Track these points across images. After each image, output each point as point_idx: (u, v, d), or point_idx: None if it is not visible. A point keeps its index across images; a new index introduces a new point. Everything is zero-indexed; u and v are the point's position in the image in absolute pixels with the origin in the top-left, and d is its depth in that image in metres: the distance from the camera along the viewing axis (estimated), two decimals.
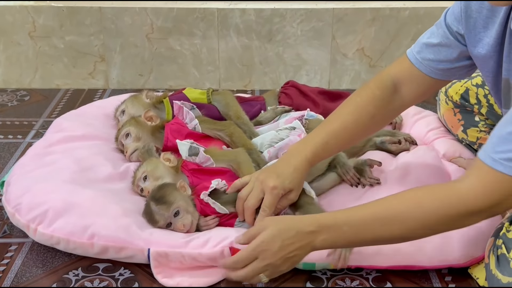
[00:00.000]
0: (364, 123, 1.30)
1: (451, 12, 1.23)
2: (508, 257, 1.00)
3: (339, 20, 2.14)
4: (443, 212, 1.00)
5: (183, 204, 1.27)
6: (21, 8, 2.12)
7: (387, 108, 1.32)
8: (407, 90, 1.31)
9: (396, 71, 1.32)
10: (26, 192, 1.34)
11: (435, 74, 1.27)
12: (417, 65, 1.27)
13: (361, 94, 1.33)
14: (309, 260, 1.21)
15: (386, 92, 1.30)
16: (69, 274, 1.23)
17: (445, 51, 1.24)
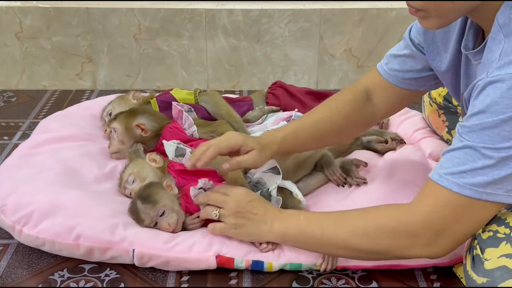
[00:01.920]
0: (338, 121, 1.33)
1: (415, 27, 1.26)
2: (482, 258, 1.01)
3: (327, 20, 2.15)
4: (384, 221, 1.07)
5: (169, 203, 1.27)
6: (8, 9, 2.11)
7: (361, 112, 1.34)
8: (378, 100, 1.34)
9: (367, 82, 1.35)
10: (11, 193, 1.33)
11: (402, 84, 1.29)
12: (385, 76, 1.30)
13: (336, 96, 1.37)
14: (296, 260, 1.22)
15: (359, 97, 1.34)
16: (55, 275, 1.23)
17: (410, 61, 1.27)
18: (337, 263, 1.21)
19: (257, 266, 1.23)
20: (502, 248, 0.99)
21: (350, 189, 1.44)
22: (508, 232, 1.01)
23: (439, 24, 1.02)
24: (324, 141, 1.39)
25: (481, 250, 1.02)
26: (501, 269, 0.97)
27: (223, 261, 1.23)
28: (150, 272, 1.24)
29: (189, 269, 1.24)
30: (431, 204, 1.01)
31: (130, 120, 1.57)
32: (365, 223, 1.09)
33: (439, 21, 1.01)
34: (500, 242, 1.00)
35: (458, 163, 0.98)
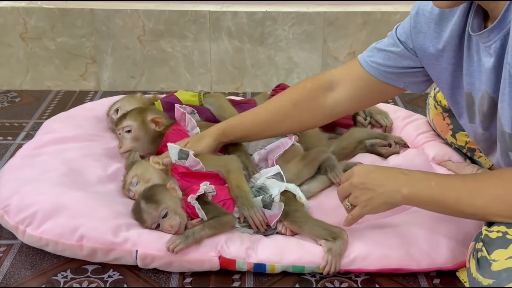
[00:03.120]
0: (285, 108, 1.37)
1: (402, 26, 1.28)
2: (489, 259, 1.00)
3: (331, 23, 2.15)
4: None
5: (172, 205, 1.27)
6: (13, 9, 2.12)
7: (315, 101, 1.35)
8: (345, 92, 1.34)
9: (339, 72, 1.37)
10: (15, 194, 1.33)
11: (383, 77, 1.30)
12: (366, 68, 1.31)
13: (293, 86, 1.42)
14: (299, 263, 1.22)
15: (318, 86, 1.36)
16: (58, 276, 1.23)
17: (394, 57, 1.28)
18: (340, 266, 1.21)
19: (259, 268, 1.23)
20: (510, 249, 0.99)
21: None
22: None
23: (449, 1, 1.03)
24: (270, 127, 1.41)
25: (487, 251, 1.01)
26: (508, 270, 0.96)
27: (226, 262, 1.23)
28: (153, 273, 1.24)
29: (192, 270, 1.24)
30: None
31: (144, 115, 1.57)
32: (506, 191, 1.03)
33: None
34: (509, 244, 1.00)
35: None
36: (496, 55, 1.06)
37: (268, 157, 1.48)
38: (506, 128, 1.07)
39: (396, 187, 1.13)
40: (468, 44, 1.14)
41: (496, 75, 1.08)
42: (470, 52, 1.14)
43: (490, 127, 1.17)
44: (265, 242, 1.26)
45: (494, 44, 1.05)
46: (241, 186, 1.34)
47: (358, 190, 1.17)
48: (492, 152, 1.23)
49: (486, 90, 1.11)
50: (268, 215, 1.30)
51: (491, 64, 1.08)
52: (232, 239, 1.25)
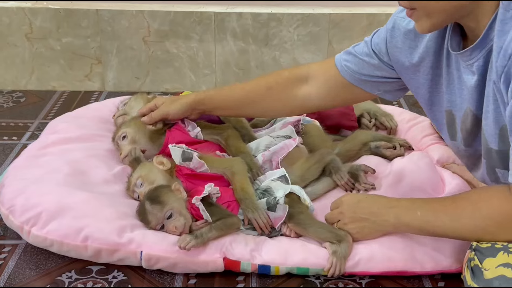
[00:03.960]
0: (259, 90, 1.43)
1: (377, 37, 1.29)
2: (481, 268, 1.03)
3: (336, 25, 2.15)
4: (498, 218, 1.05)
5: (177, 206, 1.27)
6: (18, 10, 2.13)
7: (288, 90, 1.40)
8: (319, 87, 1.38)
9: (316, 68, 1.40)
10: (20, 194, 1.33)
11: (357, 83, 1.33)
12: (341, 71, 1.34)
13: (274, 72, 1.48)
14: (304, 265, 1.22)
15: (294, 77, 1.40)
16: (62, 276, 1.23)
17: (368, 67, 1.31)
18: (344, 269, 1.21)
19: (264, 269, 1.23)
20: (499, 257, 1.01)
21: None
22: (505, 243, 1.03)
23: (430, 24, 1.05)
24: (244, 105, 1.47)
25: (479, 261, 1.04)
26: (499, 278, 0.99)
27: (230, 264, 1.23)
28: (158, 274, 1.24)
29: (197, 271, 1.24)
30: None
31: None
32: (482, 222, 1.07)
33: (429, 21, 1.04)
34: (498, 252, 1.02)
35: None
36: (479, 73, 1.08)
37: (272, 159, 1.48)
38: (492, 145, 1.09)
39: (385, 217, 1.20)
40: (447, 61, 1.16)
41: (480, 92, 1.10)
42: (449, 70, 1.15)
43: (473, 144, 1.19)
44: (269, 244, 1.26)
45: (476, 62, 1.07)
46: (246, 188, 1.34)
47: (347, 218, 1.24)
48: (476, 168, 1.24)
49: (469, 108, 1.13)
50: (273, 217, 1.30)
51: (474, 82, 1.09)
52: (236, 241, 1.25)
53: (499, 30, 1.01)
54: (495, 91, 1.04)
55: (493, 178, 1.16)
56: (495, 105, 1.06)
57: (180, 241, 1.21)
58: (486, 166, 1.15)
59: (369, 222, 1.22)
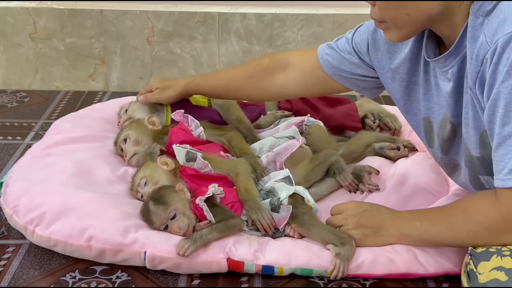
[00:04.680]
0: (241, 78, 1.50)
1: (358, 35, 1.30)
2: (476, 272, 1.03)
3: (340, 25, 2.15)
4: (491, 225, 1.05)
5: (180, 207, 1.27)
6: (22, 10, 2.13)
7: (267, 78, 1.45)
8: (295, 76, 1.41)
9: (296, 56, 1.44)
10: (24, 194, 1.34)
11: (336, 78, 1.35)
12: (322, 65, 1.36)
13: (256, 58, 1.54)
14: (308, 266, 1.22)
15: (273, 64, 1.44)
16: (66, 277, 1.23)
17: (349, 65, 1.33)
18: (347, 271, 1.21)
19: (268, 270, 1.23)
20: (493, 261, 1.02)
21: (362, 196, 1.44)
22: (499, 247, 1.04)
23: (400, 35, 1.06)
24: (227, 93, 1.55)
25: (474, 265, 1.05)
26: (493, 282, 1.00)
27: (234, 265, 1.23)
28: (161, 274, 1.24)
29: (200, 272, 1.24)
30: None
31: (137, 121, 1.59)
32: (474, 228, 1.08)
33: (398, 32, 1.06)
34: (491, 256, 1.03)
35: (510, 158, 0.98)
36: (454, 79, 1.08)
37: (276, 160, 1.48)
38: (473, 152, 1.10)
39: (387, 229, 1.23)
40: (424, 68, 1.16)
41: (455, 99, 1.11)
42: (427, 77, 1.16)
43: (449, 152, 1.20)
44: (273, 245, 1.26)
45: (451, 69, 1.08)
46: (249, 189, 1.34)
47: (351, 224, 1.25)
48: (454, 175, 1.26)
49: (446, 114, 1.13)
50: (276, 218, 1.30)
51: (450, 89, 1.10)
52: (240, 241, 1.25)
53: (470, 37, 1.02)
54: (472, 97, 1.05)
55: (477, 186, 1.17)
56: (473, 111, 1.07)
57: (179, 248, 1.21)
58: (469, 174, 1.16)
59: (372, 232, 1.24)
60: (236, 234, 1.28)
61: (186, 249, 1.20)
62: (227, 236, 1.26)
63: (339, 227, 1.26)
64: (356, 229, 1.24)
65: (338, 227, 1.27)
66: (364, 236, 1.24)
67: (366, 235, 1.24)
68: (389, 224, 1.23)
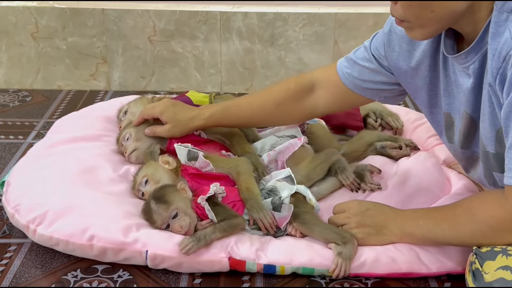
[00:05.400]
0: (268, 107, 1.44)
1: (375, 41, 1.29)
2: (482, 271, 1.03)
3: (341, 25, 2.14)
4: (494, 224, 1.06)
5: (182, 206, 1.27)
6: (24, 9, 2.13)
7: (296, 103, 1.41)
8: (323, 96, 1.38)
9: (320, 75, 1.40)
10: (26, 193, 1.34)
11: (358, 90, 1.34)
12: (342, 79, 1.34)
13: (278, 83, 1.46)
14: (309, 265, 1.22)
15: (300, 88, 1.40)
16: (68, 275, 1.23)
17: (369, 73, 1.31)
18: (349, 270, 1.20)
19: (269, 269, 1.23)
20: (498, 260, 1.02)
21: (364, 195, 1.43)
22: (504, 246, 1.04)
23: (423, 34, 1.05)
24: (253, 123, 1.49)
25: (480, 264, 1.05)
26: (499, 281, 1.00)
27: (236, 264, 1.23)
28: (163, 273, 1.24)
29: (202, 271, 1.24)
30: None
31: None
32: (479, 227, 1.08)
33: (422, 31, 1.04)
34: (496, 255, 1.03)
35: None
36: (475, 75, 1.08)
37: (278, 159, 1.48)
38: (489, 148, 1.09)
39: (390, 228, 1.22)
40: (444, 64, 1.16)
41: (476, 95, 1.10)
42: (447, 73, 1.15)
43: (470, 146, 1.19)
44: (275, 244, 1.26)
45: (472, 65, 1.07)
46: (251, 188, 1.34)
47: (353, 223, 1.25)
48: (472, 170, 1.25)
49: (465, 110, 1.13)
50: (278, 217, 1.30)
51: (470, 85, 1.09)
52: (242, 240, 1.25)
53: (493, 33, 1.01)
54: (491, 94, 1.05)
55: (491, 182, 1.16)
56: (491, 108, 1.06)
57: (182, 245, 1.21)
58: (484, 169, 1.16)
59: (375, 230, 1.24)
60: (238, 233, 1.28)
61: (189, 248, 1.20)
62: (230, 235, 1.26)
63: (341, 225, 1.26)
64: (359, 228, 1.24)
65: (340, 226, 1.26)
66: (367, 235, 1.23)
67: (368, 234, 1.23)
68: (392, 223, 1.22)
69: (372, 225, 1.24)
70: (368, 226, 1.24)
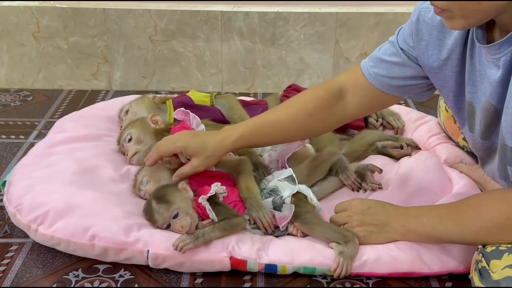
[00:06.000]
0: (301, 119, 1.34)
1: (402, 33, 1.25)
2: (489, 270, 1.03)
3: (343, 24, 2.14)
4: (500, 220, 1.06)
5: (183, 206, 1.27)
6: (25, 9, 2.13)
7: (328, 111, 1.35)
8: (353, 100, 1.34)
9: (345, 79, 1.35)
10: (27, 193, 1.34)
11: (387, 89, 1.29)
12: (369, 79, 1.30)
13: (306, 92, 1.39)
14: (311, 264, 1.22)
15: (330, 95, 1.34)
16: (69, 275, 1.23)
17: (397, 69, 1.26)
18: (351, 270, 1.20)
19: (271, 269, 1.23)
20: (505, 259, 1.02)
21: (365, 194, 1.43)
22: (510, 245, 1.04)
23: (464, 25, 1.01)
24: (286, 137, 1.40)
25: (486, 262, 1.04)
26: (506, 279, 0.99)
27: (237, 263, 1.23)
28: (164, 273, 1.24)
29: (203, 270, 1.24)
30: None
31: (141, 119, 1.59)
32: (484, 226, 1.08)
33: (464, 22, 1.00)
34: (502, 254, 1.03)
35: None
36: (505, 67, 1.05)
37: (279, 158, 1.48)
38: (508, 141, 1.08)
39: (392, 225, 1.22)
40: (470, 52, 1.13)
41: (503, 87, 1.07)
42: (472, 61, 1.13)
43: (491, 137, 1.17)
44: (276, 243, 1.26)
45: (504, 56, 1.05)
46: (250, 187, 1.34)
47: (355, 221, 1.24)
48: (489, 162, 1.22)
49: (488, 101, 1.11)
50: (278, 216, 1.30)
51: (499, 77, 1.07)
52: (243, 240, 1.25)
53: None
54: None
55: (502, 176, 1.15)
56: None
57: (179, 241, 1.20)
58: (499, 162, 1.14)
59: (377, 228, 1.23)
60: (239, 233, 1.28)
61: (185, 243, 1.20)
62: (229, 235, 1.26)
63: (343, 224, 1.26)
64: (361, 226, 1.24)
65: (342, 225, 1.26)
66: (369, 233, 1.23)
67: (370, 232, 1.23)
68: (394, 220, 1.22)
69: (374, 223, 1.23)
70: (370, 224, 1.23)
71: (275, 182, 1.36)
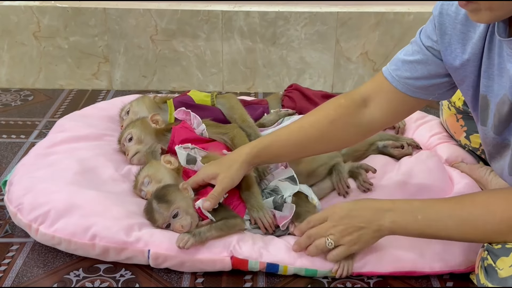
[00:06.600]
0: (322, 126, 1.29)
1: (424, 31, 1.22)
2: (495, 267, 1.02)
3: (343, 24, 2.14)
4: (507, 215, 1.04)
5: (183, 205, 1.27)
6: (26, 8, 2.13)
7: (350, 119, 1.29)
8: (378, 107, 1.29)
9: (367, 88, 1.31)
10: (28, 192, 1.34)
11: (412, 92, 1.25)
12: (394, 83, 1.25)
13: (326, 101, 1.34)
14: (312, 266, 1.22)
15: (351, 102, 1.30)
16: (70, 275, 1.23)
17: (421, 68, 1.22)
18: (352, 269, 1.20)
19: (272, 268, 1.23)
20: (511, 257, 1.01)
21: (365, 194, 1.43)
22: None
23: (490, 17, 0.98)
24: (310, 148, 1.32)
25: (493, 260, 1.03)
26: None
27: (238, 263, 1.23)
28: (165, 273, 1.24)
29: (204, 270, 1.24)
30: None
31: (141, 119, 1.59)
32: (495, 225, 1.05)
33: (490, 14, 0.97)
34: (510, 252, 1.02)
35: None
36: None
37: None
38: None
39: (380, 221, 1.14)
40: (489, 45, 1.10)
41: None
42: (490, 54, 1.10)
43: (503, 132, 1.14)
44: (277, 243, 1.26)
45: None
46: (251, 187, 1.34)
47: (340, 232, 1.17)
48: (498, 158, 1.20)
49: (507, 96, 1.08)
50: (279, 216, 1.30)
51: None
52: (244, 239, 1.25)
53: None
54: None
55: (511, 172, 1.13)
56: None
57: (179, 241, 1.21)
58: (510, 159, 1.12)
59: (366, 230, 1.16)
60: (239, 232, 1.27)
61: (186, 241, 1.20)
62: (226, 235, 1.25)
63: (327, 236, 1.18)
64: (349, 235, 1.17)
65: (326, 237, 1.18)
66: (358, 238, 1.17)
67: (359, 236, 1.17)
68: (382, 215, 1.14)
69: (362, 225, 1.16)
70: (358, 228, 1.16)
71: (275, 182, 1.36)
